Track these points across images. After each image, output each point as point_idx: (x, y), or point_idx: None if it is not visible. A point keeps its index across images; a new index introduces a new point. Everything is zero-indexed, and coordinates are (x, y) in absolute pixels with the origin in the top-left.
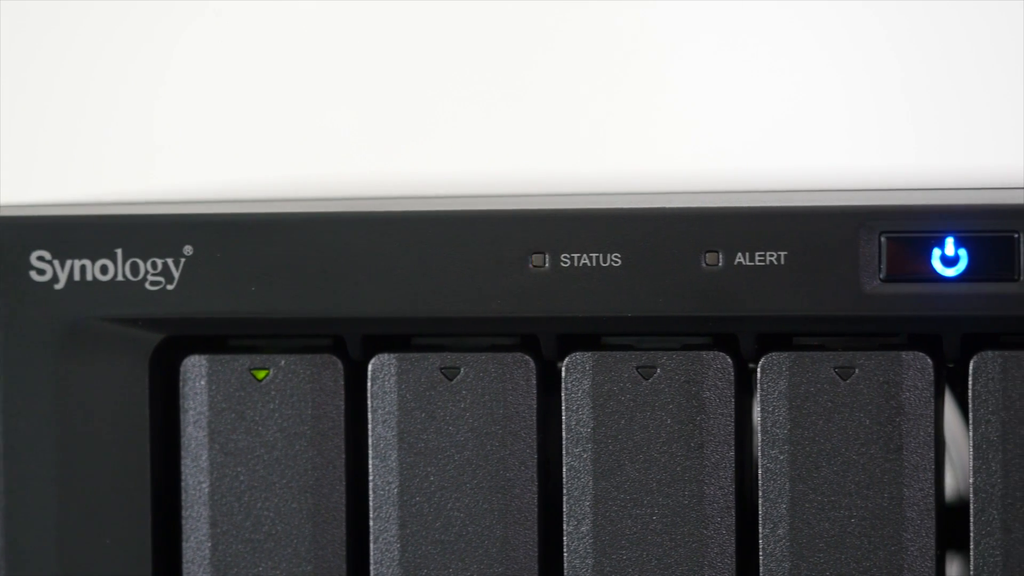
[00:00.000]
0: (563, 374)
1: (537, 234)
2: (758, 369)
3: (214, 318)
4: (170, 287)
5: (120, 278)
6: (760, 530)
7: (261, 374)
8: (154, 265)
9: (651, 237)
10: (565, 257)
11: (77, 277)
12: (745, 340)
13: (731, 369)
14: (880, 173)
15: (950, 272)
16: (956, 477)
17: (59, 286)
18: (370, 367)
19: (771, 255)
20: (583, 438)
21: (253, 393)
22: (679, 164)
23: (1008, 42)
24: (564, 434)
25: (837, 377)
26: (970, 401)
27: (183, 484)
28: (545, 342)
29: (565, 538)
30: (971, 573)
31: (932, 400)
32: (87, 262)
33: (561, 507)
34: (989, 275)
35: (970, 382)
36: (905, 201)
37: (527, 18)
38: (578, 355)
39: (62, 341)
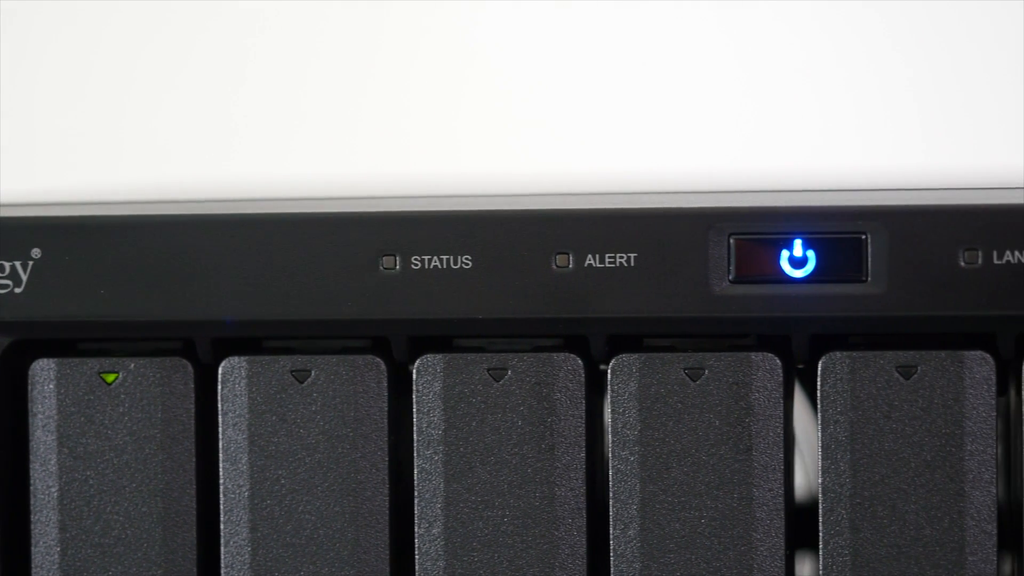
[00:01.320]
0: (414, 376)
1: (388, 236)
2: (608, 370)
3: (63, 321)
4: (18, 290)
5: None
6: (611, 531)
7: (110, 377)
8: (1, 268)
9: (501, 239)
10: (416, 259)
11: None
12: (595, 341)
13: (581, 370)
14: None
15: (798, 273)
16: (808, 477)
17: None
18: (220, 370)
19: (621, 257)
20: (434, 440)
21: (102, 396)
22: (530, 166)
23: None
24: (415, 436)
25: (687, 378)
26: (819, 401)
27: (32, 488)
28: (396, 344)
29: (417, 540)
30: (820, 572)
31: (781, 401)
32: None
33: (413, 509)
34: (837, 276)
35: (818, 383)
36: (753, 203)
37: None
38: (429, 357)
39: None
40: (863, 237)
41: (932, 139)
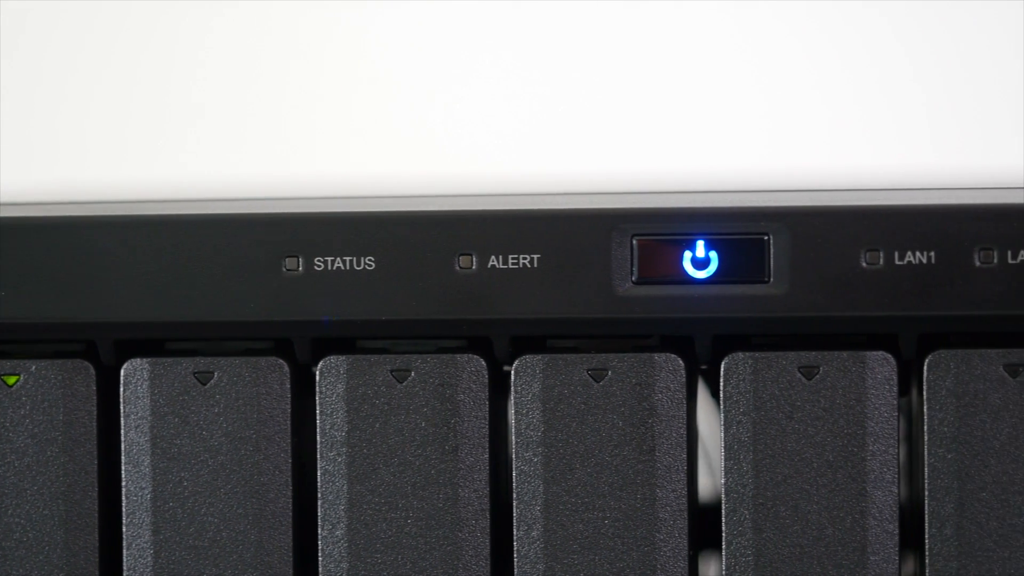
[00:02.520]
0: (318, 378)
1: (290, 237)
2: (512, 371)
3: None
4: None
5: None
6: (515, 532)
7: (12, 380)
8: None
9: (404, 240)
10: (319, 261)
11: None
12: (499, 342)
13: (485, 371)
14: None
15: (701, 274)
16: (714, 478)
17: None
18: (123, 372)
19: (524, 258)
20: (337, 442)
21: (3, 399)
22: (433, 167)
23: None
24: (319, 438)
25: (590, 379)
26: (721, 402)
27: None
28: (299, 346)
29: (320, 542)
30: (723, 573)
31: (684, 401)
32: None
33: (316, 511)
34: (740, 277)
35: (721, 383)
36: (656, 204)
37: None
38: (332, 359)
39: None
40: (765, 238)
41: (837, 138)
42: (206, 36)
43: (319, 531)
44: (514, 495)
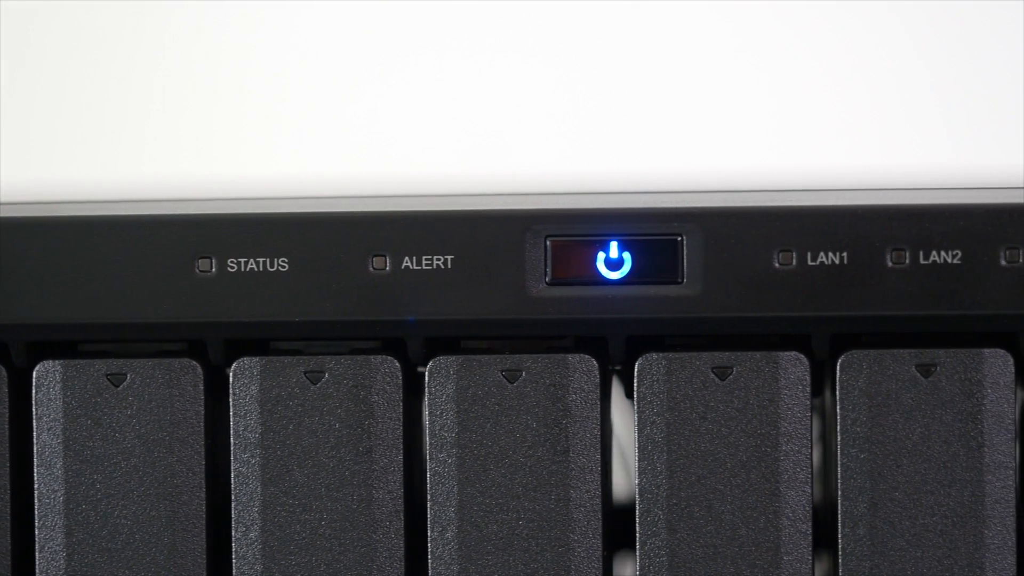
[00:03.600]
0: (231, 380)
1: (203, 239)
2: (426, 372)
3: None
4: None
5: None
6: (429, 533)
7: None
8: None
9: (318, 241)
10: (232, 262)
11: None
12: (413, 343)
13: (399, 373)
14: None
15: (614, 275)
16: (631, 478)
17: None
18: (35, 374)
19: (438, 259)
20: (251, 443)
21: None
22: (347, 168)
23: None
24: (232, 440)
25: (504, 380)
26: (635, 403)
27: None
28: (213, 347)
29: (234, 544)
30: (637, 573)
31: (598, 402)
32: None
33: (230, 513)
34: (653, 278)
35: (635, 384)
36: (570, 205)
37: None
38: (246, 360)
39: None
40: (679, 239)
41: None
42: (106, 35)
43: (233, 533)
44: (428, 496)
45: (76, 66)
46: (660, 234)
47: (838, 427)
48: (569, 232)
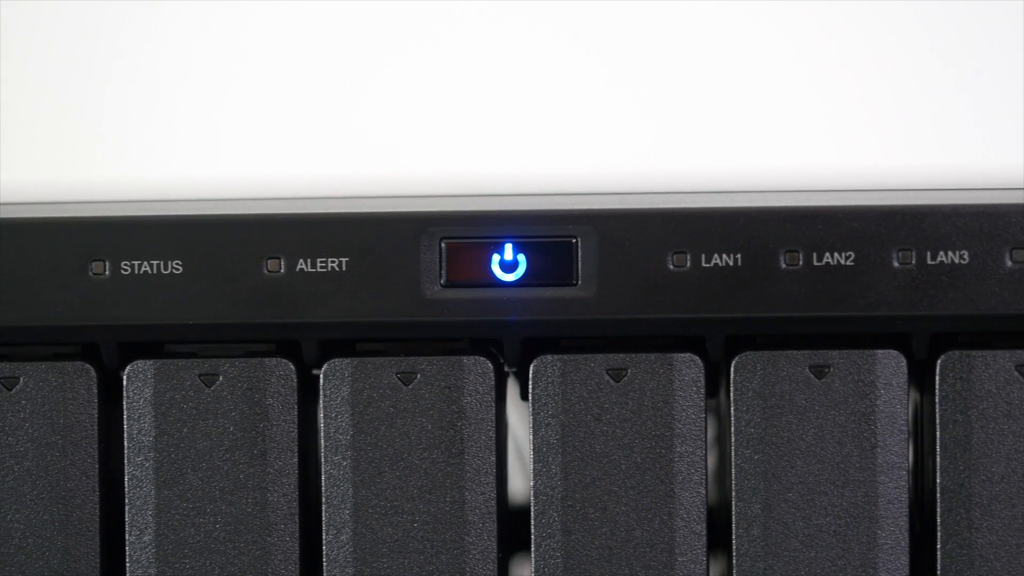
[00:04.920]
0: (125, 382)
1: (96, 241)
2: (321, 375)
3: None
4: None
5: None
6: (324, 536)
7: None
8: None
9: (212, 244)
10: (125, 264)
11: None
12: (308, 346)
13: (293, 375)
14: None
15: (509, 277)
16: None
17: None
18: None
19: (333, 261)
20: (145, 447)
21: None
22: (242, 170)
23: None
24: (126, 443)
25: (399, 382)
26: (530, 405)
27: None
28: (106, 350)
29: (128, 548)
30: (532, 575)
31: (493, 404)
32: None
33: (124, 517)
34: (548, 280)
35: (530, 386)
36: (465, 207)
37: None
38: (139, 363)
39: None
40: (573, 241)
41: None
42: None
43: (127, 537)
44: (323, 499)
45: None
46: (555, 236)
47: (732, 428)
48: (464, 234)
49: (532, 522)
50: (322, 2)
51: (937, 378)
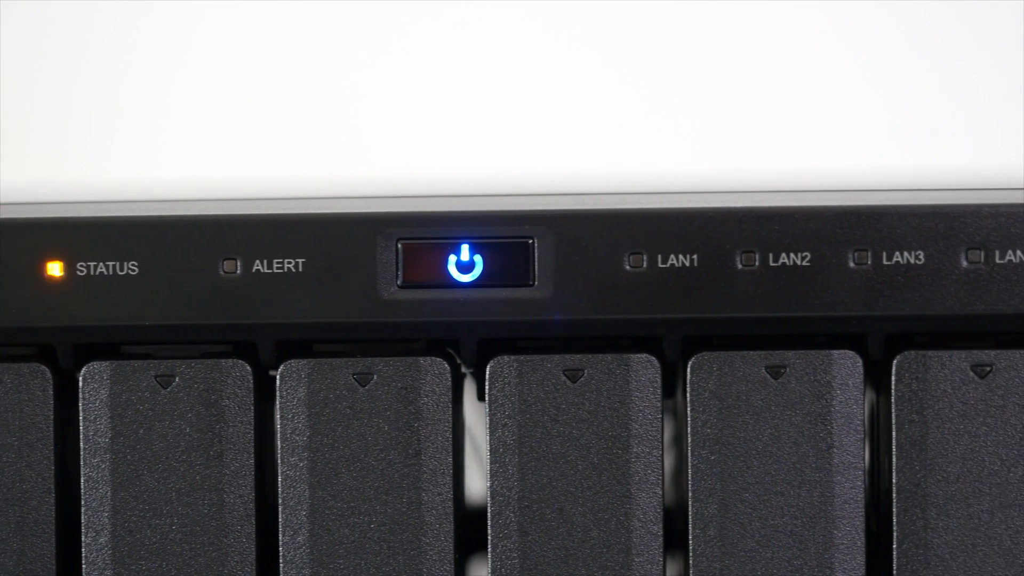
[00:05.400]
0: (81, 384)
1: (52, 242)
2: (277, 376)
3: None
4: None
5: None
6: (280, 538)
7: None
8: None
9: (168, 244)
10: (81, 266)
11: None
12: (264, 347)
13: (250, 376)
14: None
15: (466, 278)
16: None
17: None
18: None
19: (289, 262)
20: (101, 448)
21: None
22: (198, 171)
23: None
24: (83, 445)
25: (355, 383)
26: (487, 405)
27: None
28: (62, 352)
29: (84, 549)
30: None
31: (450, 405)
32: None
33: (80, 519)
34: (505, 280)
35: (487, 387)
36: (421, 208)
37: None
38: (95, 364)
39: None
40: (530, 241)
41: (579, 142)
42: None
43: (83, 538)
44: (280, 500)
45: None
46: (511, 237)
47: (688, 429)
48: (420, 235)
49: (489, 523)
50: (279, 3)
51: (893, 378)
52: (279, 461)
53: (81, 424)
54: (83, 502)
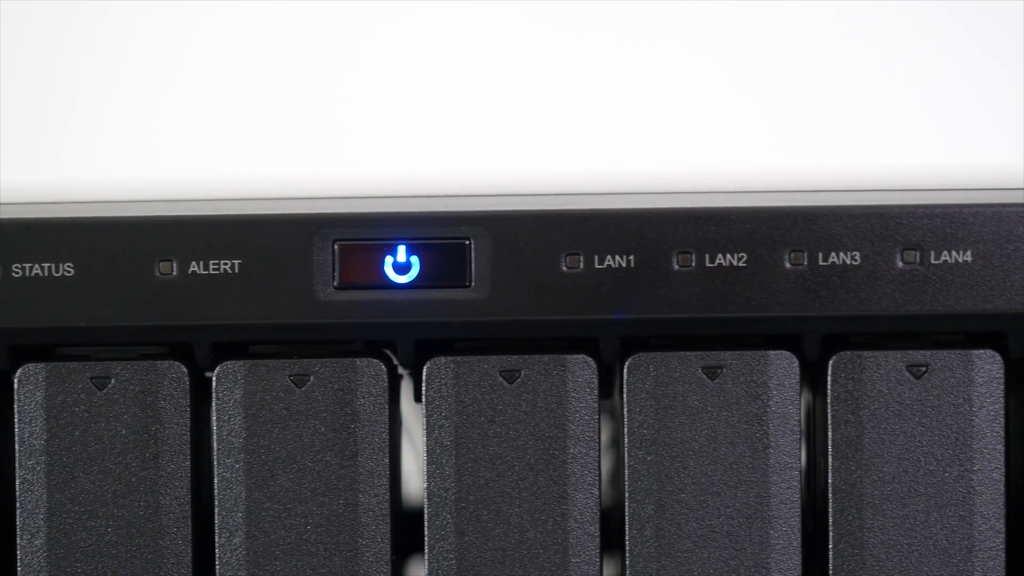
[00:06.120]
0: (16, 386)
1: None
2: (214, 377)
3: None
4: None
5: None
6: (217, 539)
7: None
8: None
9: (104, 246)
10: (16, 267)
11: None
12: (200, 349)
13: (186, 378)
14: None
15: (402, 279)
16: None
17: None
18: None
19: (225, 263)
20: (37, 450)
21: None
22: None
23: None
24: (17, 447)
25: (292, 385)
26: (424, 406)
27: None
28: None
29: (19, 552)
30: None
31: (387, 406)
32: None
33: (15, 520)
34: (441, 281)
35: (424, 388)
36: (358, 209)
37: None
38: (31, 367)
39: None
40: (466, 242)
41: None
42: None
43: (18, 541)
44: (216, 502)
45: None
46: (448, 238)
47: (625, 430)
48: (357, 236)
49: (425, 524)
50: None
51: (829, 378)
52: (215, 463)
53: (16, 426)
54: (18, 504)
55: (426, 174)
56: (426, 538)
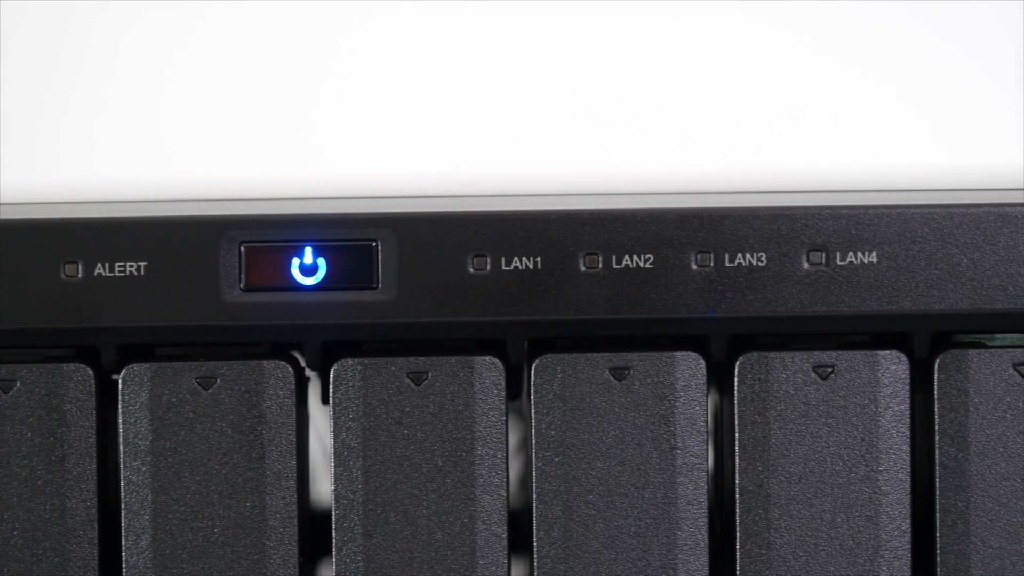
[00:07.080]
0: None
1: None
2: (119, 380)
3: None
4: None
5: None
6: (123, 542)
7: None
8: None
9: (8, 248)
10: None
11: None
12: (106, 351)
13: (92, 381)
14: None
15: (309, 281)
16: None
17: None
18: None
19: (131, 266)
20: None
21: None
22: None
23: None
24: None
25: (199, 387)
26: (331, 408)
27: None
28: None
29: None
30: None
31: (294, 408)
32: None
33: None
34: (348, 283)
35: (331, 390)
36: (265, 211)
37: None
38: None
39: None
40: (373, 244)
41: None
42: None
43: None
44: (122, 505)
45: None
46: (354, 240)
47: (533, 431)
48: (263, 238)
49: (333, 526)
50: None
51: (735, 379)
52: (121, 465)
53: None
54: None
55: (333, 175)
56: (334, 540)
